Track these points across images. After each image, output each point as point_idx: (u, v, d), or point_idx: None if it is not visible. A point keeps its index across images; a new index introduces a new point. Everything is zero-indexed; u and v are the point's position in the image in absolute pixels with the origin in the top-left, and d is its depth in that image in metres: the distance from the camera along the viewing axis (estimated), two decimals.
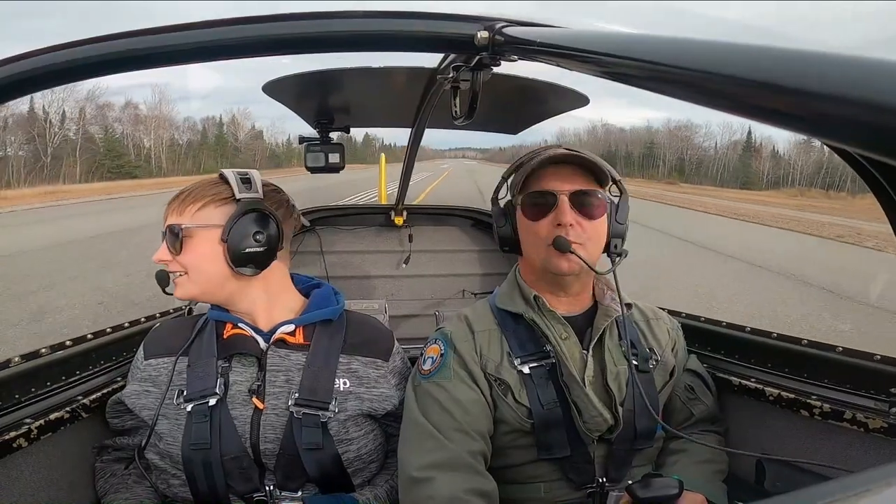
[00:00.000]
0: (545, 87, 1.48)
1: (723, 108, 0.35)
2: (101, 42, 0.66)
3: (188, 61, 0.72)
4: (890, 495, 0.18)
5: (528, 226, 1.11)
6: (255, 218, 1.06)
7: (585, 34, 0.52)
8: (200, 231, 1.05)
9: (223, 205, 1.06)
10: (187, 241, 1.04)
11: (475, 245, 2.37)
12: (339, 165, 1.69)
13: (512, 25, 0.69)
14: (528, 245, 1.13)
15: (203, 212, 1.05)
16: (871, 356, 1.14)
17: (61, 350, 1.26)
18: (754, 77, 0.31)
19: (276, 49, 0.72)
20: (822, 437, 1.16)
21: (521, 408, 1.07)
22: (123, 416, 1.17)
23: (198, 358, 1.10)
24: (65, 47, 0.66)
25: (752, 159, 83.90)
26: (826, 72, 0.27)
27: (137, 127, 65.51)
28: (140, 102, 67.83)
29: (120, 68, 0.70)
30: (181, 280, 1.06)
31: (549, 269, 1.09)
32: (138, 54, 0.67)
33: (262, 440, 1.05)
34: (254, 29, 0.69)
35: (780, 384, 1.26)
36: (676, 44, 0.38)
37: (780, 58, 0.30)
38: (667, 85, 0.39)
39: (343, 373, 1.11)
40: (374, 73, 1.37)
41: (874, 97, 0.25)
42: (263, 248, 1.05)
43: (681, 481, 0.97)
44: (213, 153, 70.16)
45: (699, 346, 1.46)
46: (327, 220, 2.30)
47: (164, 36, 0.67)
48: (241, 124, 78.79)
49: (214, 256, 1.04)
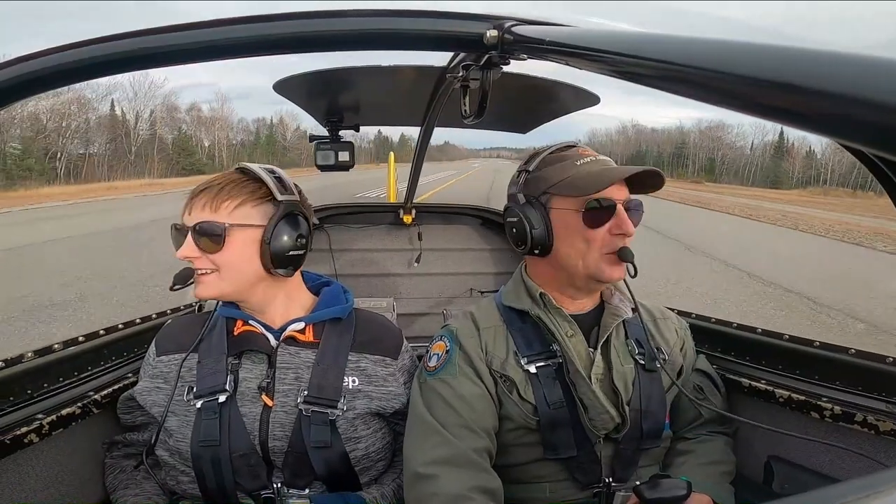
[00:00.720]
0: (555, 86, 1.47)
1: (735, 107, 0.35)
2: (106, 42, 0.67)
3: (194, 60, 0.72)
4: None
5: (581, 232, 1.05)
6: (296, 219, 1.07)
7: (595, 33, 0.52)
8: (240, 230, 1.04)
9: (261, 204, 1.06)
10: (225, 239, 1.03)
11: (484, 244, 2.37)
12: (349, 163, 1.70)
13: (521, 24, 0.69)
14: (572, 250, 1.07)
15: (241, 210, 1.04)
16: (884, 358, 1.13)
17: (73, 346, 1.27)
18: (766, 76, 0.31)
19: (284, 48, 0.72)
20: (833, 439, 1.15)
21: (525, 404, 1.07)
22: (134, 412, 1.18)
23: (208, 354, 1.10)
24: (68, 48, 0.67)
25: (783, 159, 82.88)
26: (838, 71, 0.27)
27: (199, 128, 70.18)
28: (203, 104, 74.28)
29: (125, 68, 0.70)
30: (209, 278, 1.04)
31: (596, 277, 1.07)
32: (144, 54, 0.68)
33: (271, 437, 1.05)
34: (262, 28, 0.69)
35: (790, 386, 1.25)
36: (687, 43, 0.38)
37: (790, 57, 0.30)
38: (678, 84, 0.39)
39: (352, 371, 1.11)
40: (383, 72, 1.37)
41: (885, 97, 0.25)
42: (304, 251, 1.07)
43: (689, 483, 0.97)
44: (265, 151, 75.57)
45: (709, 347, 1.45)
46: (336, 219, 2.31)
47: (169, 35, 0.68)
48: (287, 125, 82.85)
49: (252, 256, 1.04)
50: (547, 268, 1.14)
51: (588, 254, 1.06)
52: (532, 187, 1.12)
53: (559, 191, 1.07)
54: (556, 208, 1.08)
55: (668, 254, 10.04)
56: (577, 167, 1.07)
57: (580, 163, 1.08)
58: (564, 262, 1.09)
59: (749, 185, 73.83)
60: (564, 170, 1.08)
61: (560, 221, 1.07)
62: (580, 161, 1.08)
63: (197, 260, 1.03)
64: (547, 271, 1.15)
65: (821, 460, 1.18)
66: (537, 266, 1.17)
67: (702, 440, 1.21)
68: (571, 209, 1.06)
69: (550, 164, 1.11)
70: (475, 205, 2.45)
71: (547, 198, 1.09)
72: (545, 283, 1.15)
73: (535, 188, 1.11)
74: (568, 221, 1.06)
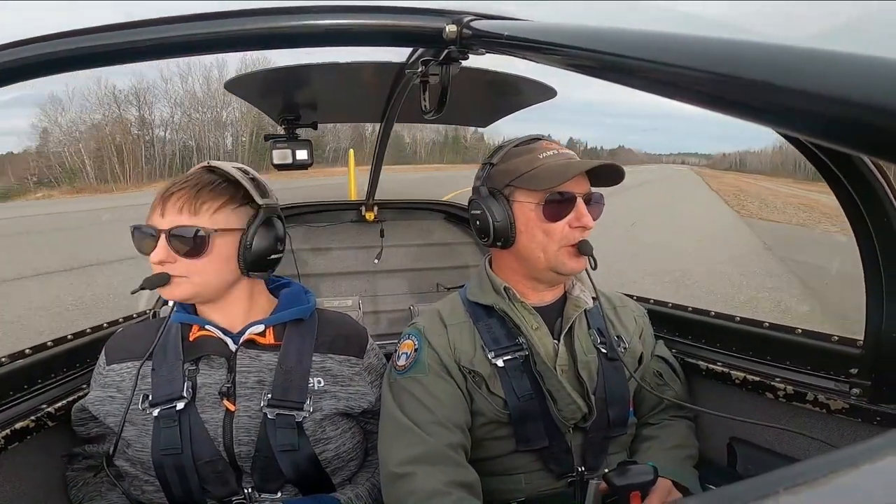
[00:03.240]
0: (514, 80, 1.49)
1: (684, 98, 0.36)
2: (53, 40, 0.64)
3: (147, 59, 0.70)
4: (857, 476, 0.19)
5: (540, 225, 1.07)
6: (275, 223, 1.06)
7: (551, 27, 0.52)
8: (221, 235, 1.00)
9: (240, 207, 1.04)
10: (207, 244, 0.99)
11: (448, 238, 2.37)
12: (308, 162, 1.66)
13: (480, 19, 0.69)
14: (533, 243, 1.09)
15: (221, 214, 1.01)
16: (829, 337, 1.17)
17: (21, 359, 1.21)
18: (711, 69, 0.32)
19: (240, 45, 0.70)
20: (788, 418, 1.19)
21: (495, 399, 1.08)
22: (89, 423, 1.13)
23: (163, 361, 1.07)
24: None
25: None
26: (778, 63, 0.28)
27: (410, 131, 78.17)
28: None
29: (69, 67, 0.68)
30: (182, 280, 1.00)
31: (556, 269, 1.08)
32: (88, 52, 0.65)
33: (237, 443, 1.03)
34: (217, 25, 0.67)
35: (745, 367, 1.28)
36: (637, 36, 0.39)
37: (735, 50, 0.32)
38: (629, 77, 0.40)
39: (317, 371, 1.10)
40: (340, 69, 1.35)
41: (821, 88, 0.26)
42: (282, 254, 1.07)
43: (655, 468, 1.00)
44: (451, 150, 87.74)
45: (667, 332, 1.49)
46: (297, 218, 2.26)
47: (120, 33, 0.65)
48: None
49: (229, 260, 1.02)
50: (510, 261, 1.16)
51: (548, 246, 1.07)
52: (496, 180, 1.13)
53: (521, 184, 1.08)
54: (517, 201, 1.09)
55: None
56: (541, 160, 1.08)
57: (543, 156, 1.09)
58: (526, 254, 1.10)
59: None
60: (527, 163, 1.09)
61: (522, 214, 1.09)
62: (543, 154, 1.09)
63: (171, 265, 0.99)
64: (510, 264, 1.16)
65: (780, 440, 1.22)
66: (501, 259, 1.18)
67: (664, 425, 1.24)
68: (532, 202, 1.07)
69: (514, 157, 1.12)
70: (438, 199, 2.44)
71: (510, 190, 1.10)
72: (509, 277, 1.16)
73: (498, 181, 1.12)
74: (529, 214, 1.08)
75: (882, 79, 0.25)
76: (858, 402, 1.05)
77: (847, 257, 2.21)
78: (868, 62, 0.26)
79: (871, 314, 1.01)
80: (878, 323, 1.00)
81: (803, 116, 0.28)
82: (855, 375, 1.08)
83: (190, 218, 0.99)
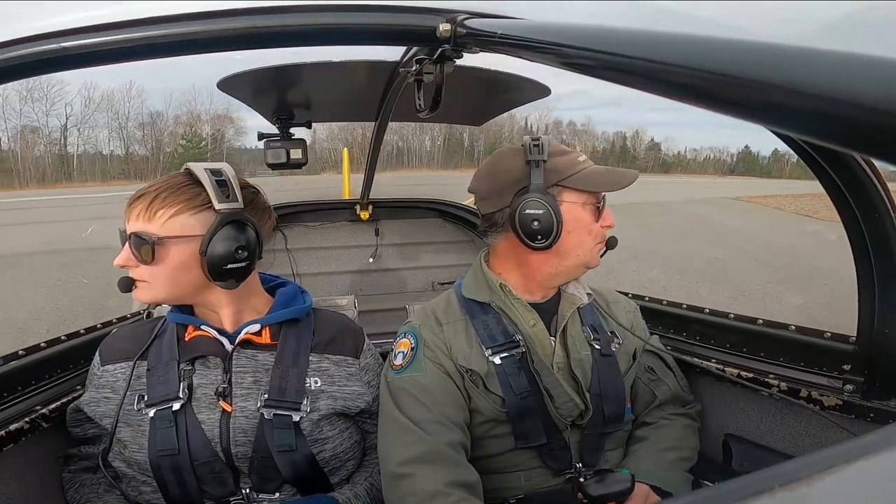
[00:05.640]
0: (508, 79, 1.49)
1: (678, 97, 0.36)
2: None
3: (139, 58, 0.69)
4: (851, 472, 0.19)
5: (588, 225, 1.10)
6: (236, 230, 0.98)
7: (545, 26, 0.52)
8: (174, 242, 0.98)
9: (199, 212, 0.99)
10: (158, 251, 0.97)
11: (442, 237, 2.38)
12: (302, 161, 1.66)
13: (474, 17, 0.69)
14: (577, 241, 1.10)
15: (177, 220, 0.98)
16: (822, 333, 1.17)
17: (14, 360, 1.20)
18: (704, 67, 0.32)
19: (234, 45, 0.70)
20: (782, 415, 1.19)
21: (493, 397, 1.08)
22: (84, 424, 1.13)
23: (158, 362, 1.06)
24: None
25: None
26: (766, 62, 0.29)
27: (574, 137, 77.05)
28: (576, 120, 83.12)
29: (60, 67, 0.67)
30: (145, 285, 1.01)
31: (589, 265, 1.13)
32: (76, 53, 0.65)
33: (234, 443, 1.02)
34: (210, 24, 0.67)
35: (739, 364, 1.29)
36: (630, 35, 0.39)
37: (727, 48, 0.32)
38: (621, 75, 0.40)
39: (314, 372, 1.09)
40: (334, 68, 1.35)
41: (811, 86, 0.26)
42: (246, 263, 1.00)
43: (632, 475, 1.01)
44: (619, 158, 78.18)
45: (662, 329, 1.49)
46: (292, 218, 2.26)
47: (112, 32, 0.64)
48: (642, 139, 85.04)
49: (189, 266, 0.99)
50: (510, 259, 1.15)
51: (587, 244, 1.11)
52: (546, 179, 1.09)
53: (572, 184, 1.08)
54: (566, 201, 1.08)
55: None
56: (581, 163, 1.10)
57: (581, 159, 1.11)
58: (565, 252, 1.10)
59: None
60: (570, 164, 1.09)
61: (570, 214, 1.08)
62: (579, 158, 1.11)
63: (133, 269, 1.00)
64: (509, 262, 1.16)
65: (775, 436, 1.22)
66: (503, 256, 1.17)
67: (660, 425, 1.23)
68: (579, 202, 1.09)
69: (555, 156, 1.09)
70: (432, 198, 2.45)
71: (557, 190, 1.09)
72: (505, 274, 1.16)
73: (546, 180, 1.08)
74: (578, 214, 1.09)
75: (871, 77, 0.25)
76: (852, 399, 1.06)
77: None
78: (857, 60, 0.26)
79: (864, 311, 1.01)
80: (870, 319, 1.01)
81: (795, 115, 0.28)
82: (848, 372, 1.09)
83: (144, 224, 0.98)
